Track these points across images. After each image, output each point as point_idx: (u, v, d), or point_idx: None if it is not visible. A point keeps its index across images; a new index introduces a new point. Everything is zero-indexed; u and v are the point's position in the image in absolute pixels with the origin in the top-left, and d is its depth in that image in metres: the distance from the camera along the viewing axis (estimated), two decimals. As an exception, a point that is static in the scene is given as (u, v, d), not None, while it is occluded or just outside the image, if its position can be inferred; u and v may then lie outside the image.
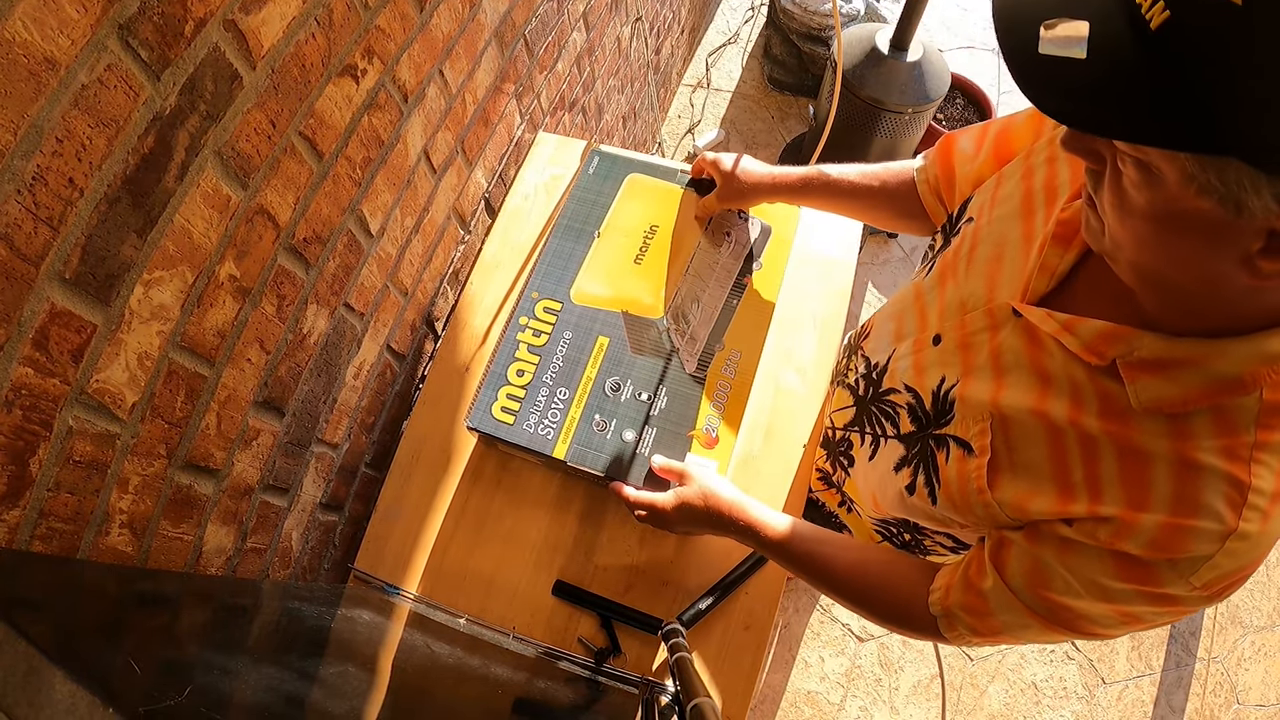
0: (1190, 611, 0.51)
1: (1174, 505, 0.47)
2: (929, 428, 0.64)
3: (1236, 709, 1.87)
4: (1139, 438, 0.49)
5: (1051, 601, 0.54)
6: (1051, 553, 0.53)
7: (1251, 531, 0.45)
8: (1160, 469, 0.47)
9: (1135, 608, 0.51)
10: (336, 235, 0.75)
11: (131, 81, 0.46)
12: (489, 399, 0.87)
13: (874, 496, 0.75)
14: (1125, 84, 0.36)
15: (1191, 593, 0.48)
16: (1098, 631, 0.55)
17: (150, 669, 0.45)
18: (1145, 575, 0.48)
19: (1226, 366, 0.45)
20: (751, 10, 2.80)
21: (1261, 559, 0.47)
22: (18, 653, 0.35)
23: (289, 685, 0.59)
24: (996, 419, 0.56)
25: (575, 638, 0.87)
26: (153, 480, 0.59)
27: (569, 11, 1.22)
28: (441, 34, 0.83)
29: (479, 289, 1.06)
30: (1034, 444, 0.54)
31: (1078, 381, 0.52)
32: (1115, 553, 0.49)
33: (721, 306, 0.94)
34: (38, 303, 0.45)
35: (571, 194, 1.02)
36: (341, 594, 0.89)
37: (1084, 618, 0.53)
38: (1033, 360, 0.55)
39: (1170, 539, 0.47)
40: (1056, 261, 0.55)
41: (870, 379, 0.76)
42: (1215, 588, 0.47)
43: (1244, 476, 0.45)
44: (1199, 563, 0.46)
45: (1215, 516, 0.46)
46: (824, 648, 1.78)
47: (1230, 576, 0.47)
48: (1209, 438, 0.46)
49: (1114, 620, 0.53)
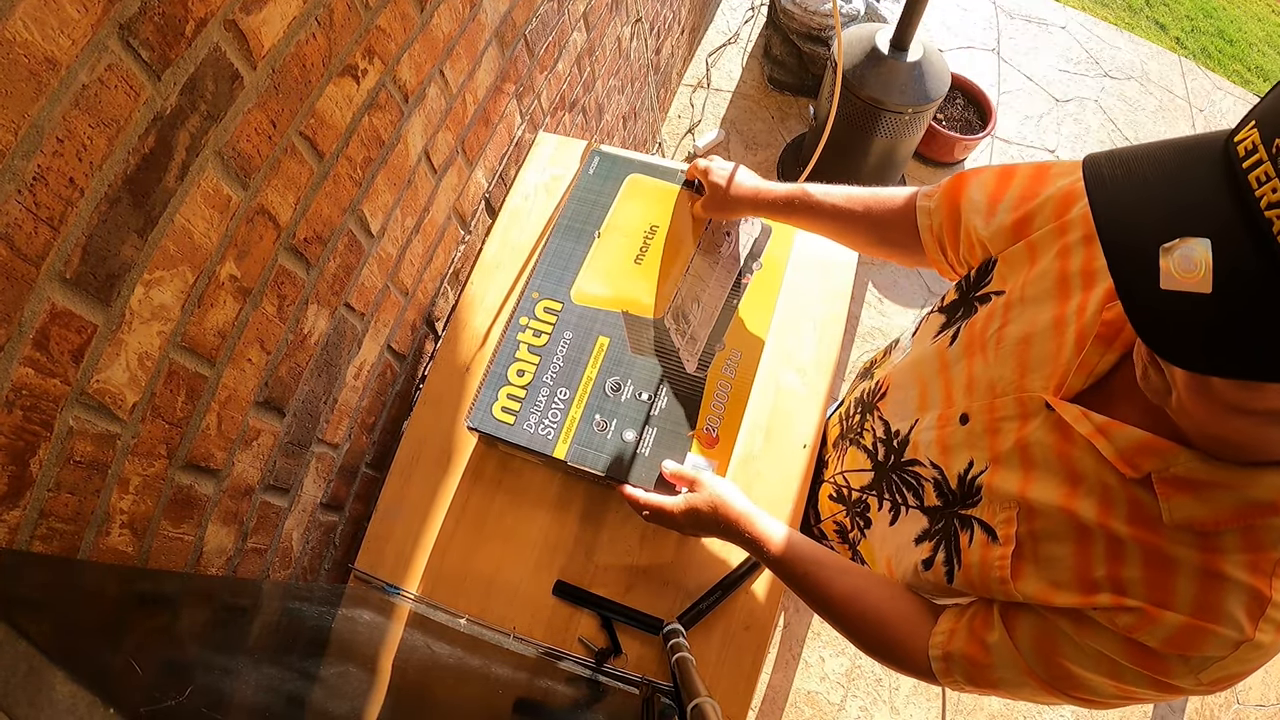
0: (1184, 695, 0.52)
1: (1195, 609, 0.47)
2: (954, 506, 0.63)
3: (1237, 709, 1.87)
4: (1167, 546, 0.49)
5: (1057, 668, 0.54)
6: (1069, 625, 0.53)
7: (1265, 642, 0.46)
8: (1185, 575, 0.48)
9: (1138, 689, 0.51)
10: (337, 235, 0.75)
11: (132, 81, 0.46)
12: (489, 399, 0.87)
13: (889, 561, 0.74)
14: (1250, 324, 0.34)
15: (1195, 686, 0.49)
16: (1092, 700, 0.55)
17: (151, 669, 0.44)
18: (1157, 665, 0.49)
19: (1260, 493, 0.45)
20: (751, 10, 2.80)
21: (1264, 663, 0.48)
22: (18, 653, 0.35)
23: (290, 685, 0.59)
24: (1024, 510, 0.56)
25: (576, 638, 0.87)
26: (153, 480, 0.59)
27: (569, 11, 1.22)
28: (442, 34, 0.83)
29: (479, 289, 1.06)
30: (1060, 540, 0.53)
31: (1109, 485, 0.51)
32: (1132, 640, 0.50)
33: (721, 306, 0.93)
34: (38, 303, 0.45)
35: (572, 194, 1.02)
36: (342, 594, 0.89)
37: (1084, 688, 0.54)
38: (1062, 457, 0.54)
39: (1188, 638, 0.47)
40: (1096, 360, 0.53)
41: (890, 446, 0.74)
42: (1219, 685, 0.49)
43: (1266, 590, 0.46)
44: (1210, 662, 0.47)
45: (1234, 624, 0.46)
46: (824, 648, 1.78)
47: (1235, 677, 0.48)
48: (1236, 552, 0.46)
49: (1111, 694, 0.53)
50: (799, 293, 1.04)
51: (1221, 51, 3.23)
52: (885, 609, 0.67)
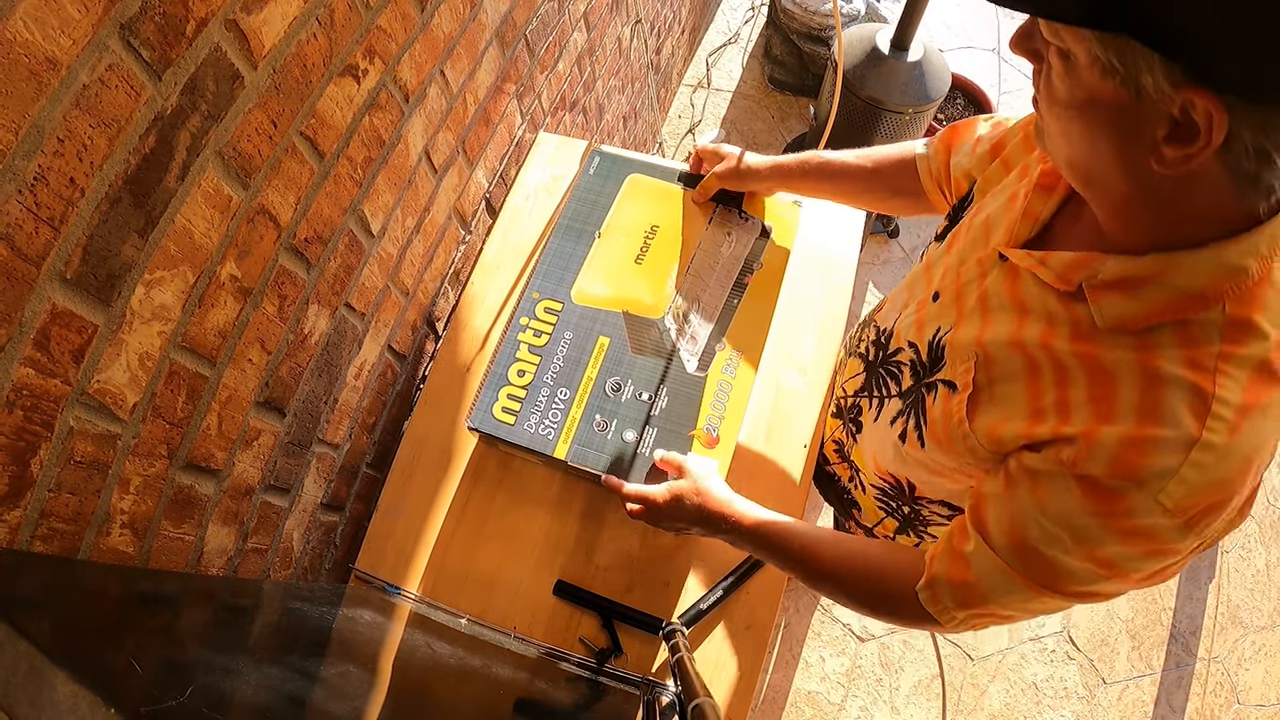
0: (1172, 555, 0.49)
1: (1138, 415, 0.47)
2: (924, 377, 0.68)
3: (1237, 709, 1.87)
4: (1106, 355, 0.50)
5: (1030, 553, 0.54)
6: (1025, 491, 0.54)
7: (1216, 442, 0.45)
8: (1125, 382, 0.49)
9: (1111, 549, 0.50)
10: (338, 235, 0.75)
11: (133, 81, 0.46)
12: (490, 399, 0.87)
13: (874, 456, 0.79)
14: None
15: (1165, 519, 0.47)
16: (1080, 590, 0.54)
17: (151, 669, 0.44)
18: (1113, 502, 0.48)
19: (1185, 280, 0.47)
20: (752, 10, 2.80)
21: (1236, 483, 0.47)
22: (19, 653, 0.35)
23: (290, 685, 0.59)
24: (981, 357, 0.59)
25: (576, 638, 0.87)
26: (154, 481, 0.59)
27: (570, 11, 1.22)
28: (443, 34, 0.83)
29: (480, 289, 1.06)
30: (1012, 376, 0.56)
31: (1051, 309, 0.55)
32: (1081, 478, 0.50)
33: (722, 306, 0.93)
34: (39, 303, 0.45)
35: (572, 194, 1.02)
36: (342, 594, 0.89)
37: (1064, 573, 0.53)
38: (1013, 296, 0.58)
39: (1132, 454, 0.47)
40: (1040, 208, 0.59)
41: (880, 344, 0.79)
42: (1189, 512, 0.47)
43: (1208, 386, 0.46)
44: (1165, 477, 0.46)
45: (1177, 424, 0.46)
46: (825, 648, 1.78)
47: (1202, 497, 0.46)
48: (1173, 348, 0.47)
49: (1094, 574, 0.52)
50: (799, 292, 1.04)
51: (1222, 51, 3.23)
52: (878, 563, 0.67)
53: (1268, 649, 1.95)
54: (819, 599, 1.82)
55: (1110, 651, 1.87)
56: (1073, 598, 0.55)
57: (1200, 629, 1.93)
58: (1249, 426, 0.46)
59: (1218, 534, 0.50)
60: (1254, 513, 2.10)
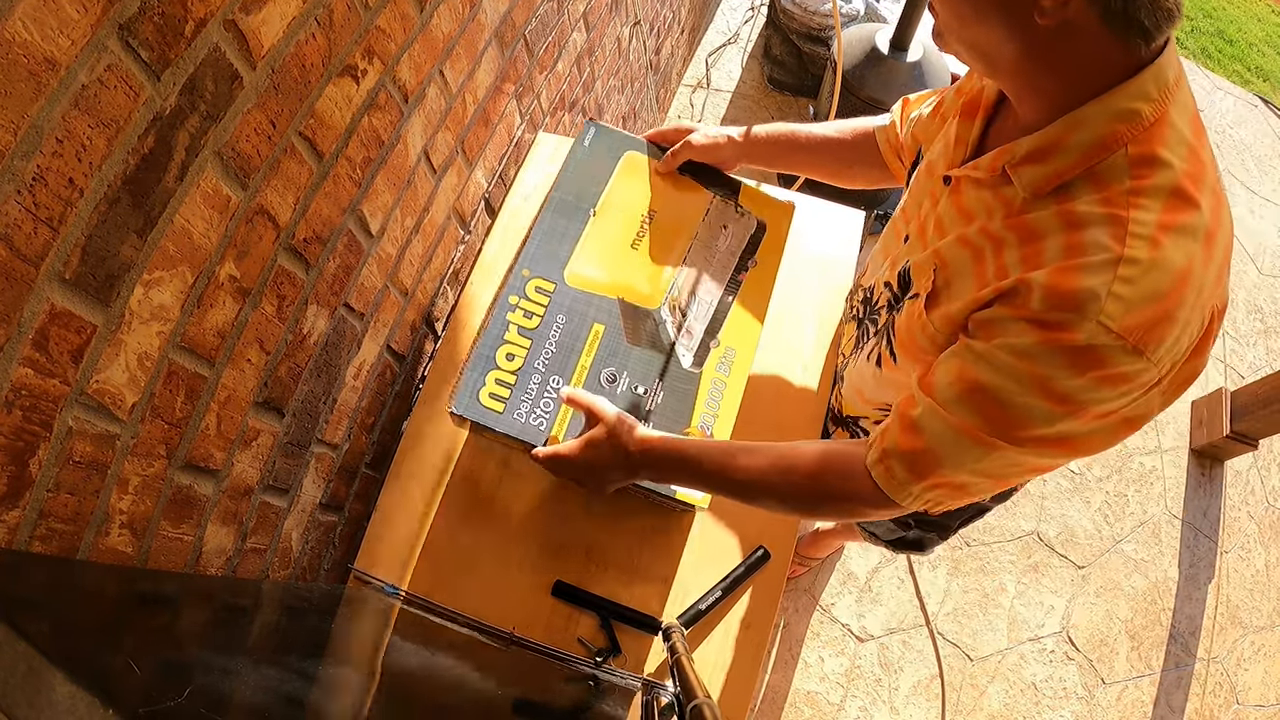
0: (1126, 384, 0.50)
1: (1064, 253, 0.51)
2: (897, 306, 0.72)
3: (1236, 709, 1.87)
4: (1031, 217, 0.55)
5: (980, 396, 0.54)
6: (975, 342, 0.56)
7: (1140, 256, 0.48)
8: (1050, 232, 0.53)
9: (1063, 382, 0.51)
10: (337, 235, 0.75)
11: (132, 81, 0.46)
12: (475, 384, 0.82)
13: (860, 394, 0.82)
14: None
15: (1110, 340, 0.48)
16: (1037, 435, 0.54)
17: (150, 670, 0.44)
18: (1058, 332, 0.50)
19: (1086, 134, 0.51)
20: (751, 10, 2.80)
21: (1171, 297, 0.48)
22: (18, 653, 0.35)
23: (289, 686, 0.59)
24: (939, 264, 0.64)
25: (575, 638, 0.87)
26: (153, 481, 0.59)
27: (569, 12, 1.22)
28: (442, 34, 0.83)
29: (479, 289, 1.06)
30: (962, 266, 0.61)
31: (988, 202, 0.60)
32: (1025, 319, 0.52)
33: (717, 303, 0.92)
34: (38, 303, 0.45)
35: (565, 166, 0.98)
36: (341, 594, 0.89)
37: (1018, 414, 0.53)
38: (959, 208, 0.64)
39: (1064, 282, 0.50)
40: (967, 133, 0.65)
41: (866, 300, 0.84)
42: (1134, 332, 0.48)
43: (1124, 213, 0.49)
44: (1099, 298, 0.48)
45: (1100, 249, 0.49)
46: (824, 648, 1.78)
47: (1140, 312, 0.48)
48: (1088, 194, 0.52)
49: (1049, 412, 0.52)
50: (799, 290, 1.04)
51: (1221, 52, 3.23)
52: (820, 453, 0.67)
53: (1267, 649, 1.95)
54: (818, 599, 1.82)
55: (1109, 652, 1.87)
56: (1030, 447, 0.55)
57: (1200, 629, 1.93)
58: (1171, 242, 0.49)
59: (1174, 369, 0.51)
60: (1253, 513, 2.10)
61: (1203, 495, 2.10)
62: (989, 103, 0.64)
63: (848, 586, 1.85)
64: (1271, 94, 3.11)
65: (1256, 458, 2.16)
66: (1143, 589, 1.95)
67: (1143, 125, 0.50)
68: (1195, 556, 2.01)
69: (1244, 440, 2.02)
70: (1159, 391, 0.52)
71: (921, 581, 1.86)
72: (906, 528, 1.10)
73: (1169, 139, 0.50)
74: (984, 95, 0.65)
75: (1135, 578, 1.96)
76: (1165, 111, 0.50)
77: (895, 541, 1.19)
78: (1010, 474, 0.59)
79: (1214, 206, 0.51)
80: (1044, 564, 1.93)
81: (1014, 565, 1.92)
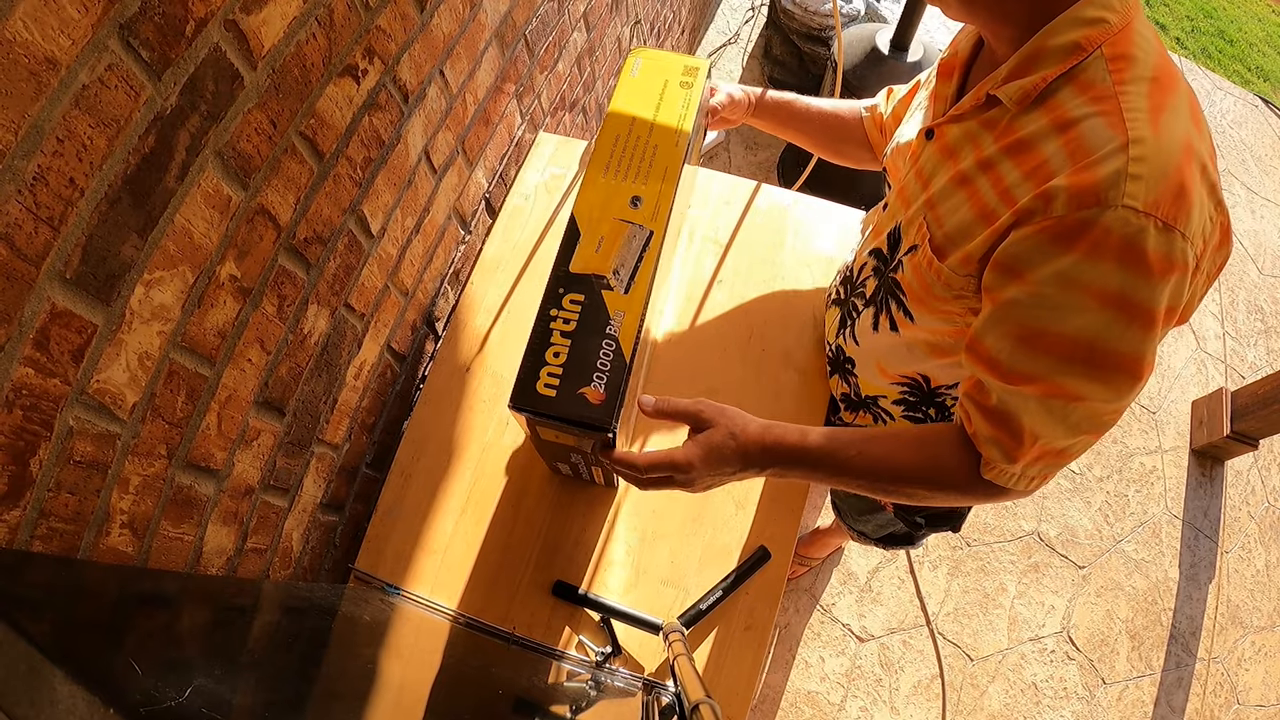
0: (1168, 269, 0.50)
1: (1070, 156, 0.52)
2: (888, 268, 0.73)
3: (1237, 709, 1.87)
4: (1024, 132, 0.56)
5: (1038, 339, 0.55)
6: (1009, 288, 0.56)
7: (1145, 134, 0.50)
8: (1047, 141, 0.54)
9: (1110, 278, 0.51)
10: (337, 235, 0.75)
11: (132, 81, 0.46)
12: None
13: (879, 366, 0.82)
14: None
15: (1139, 221, 0.49)
16: (1108, 351, 0.53)
17: (151, 669, 0.44)
18: (1085, 233, 0.51)
19: (1061, 38, 0.54)
20: (752, 10, 2.80)
21: (1185, 168, 0.49)
22: (18, 653, 0.35)
23: (289, 686, 0.59)
24: (929, 211, 0.64)
25: (575, 638, 0.87)
26: (153, 480, 0.59)
27: (569, 12, 1.22)
28: (442, 34, 0.83)
29: (480, 289, 1.06)
30: (955, 202, 0.61)
31: (973, 132, 0.62)
32: (1051, 233, 0.52)
33: None
34: (38, 303, 0.45)
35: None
36: (342, 594, 0.88)
37: (1080, 338, 0.53)
38: (942, 151, 0.65)
39: (1083, 180, 0.50)
40: (946, 88, 0.68)
41: (848, 280, 0.86)
42: (1159, 207, 0.49)
43: (1114, 105, 0.51)
44: (1119, 181, 0.49)
45: (1104, 140, 0.50)
46: (824, 648, 1.78)
47: (1161, 186, 0.49)
48: (1073, 96, 0.54)
49: (1108, 321, 0.52)
50: (799, 289, 1.04)
51: (1222, 52, 3.23)
52: (919, 436, 0.67)
53: (1267, 649, 1.95)
54: (819, 599, 1.82)
55: (1110, 652, 1.87)
56: (1109, 372, 0.54)
57: (1200, 629, 1.93)
58: (1166, 121, 0.50)
59: (1208, 248, 0.53)
60: (1254, 513, 2.10)
61: (1203, 495, 2.10)
62: (963, 61, 0.67)
63: (848, 586, 1.85)
64: (1272, 94, 3.11)
65: (1257, 458, 2.16)
66: (1143, 589, 1.95)
67: (1111, 31, 0.53)
68: (1196, 556, 2.01)
69: (1244, 440, 2.01)
70: (1203, 276, 0.54)
71: (922, 581, 1.86)
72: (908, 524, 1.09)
73: (1137, 42, 0.54)
74: (957, 57, 0.68)
75: (1136, 578, 1.96)
76: (1130, 21, 0.54)
77: (885, 539, 1.18)
78: (1102, 413, 0.57)
79: (1189, 93, 0.54)
80: (1044, 564, 1.93)
81: (1014, 565, 1.92)
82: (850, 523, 1.22)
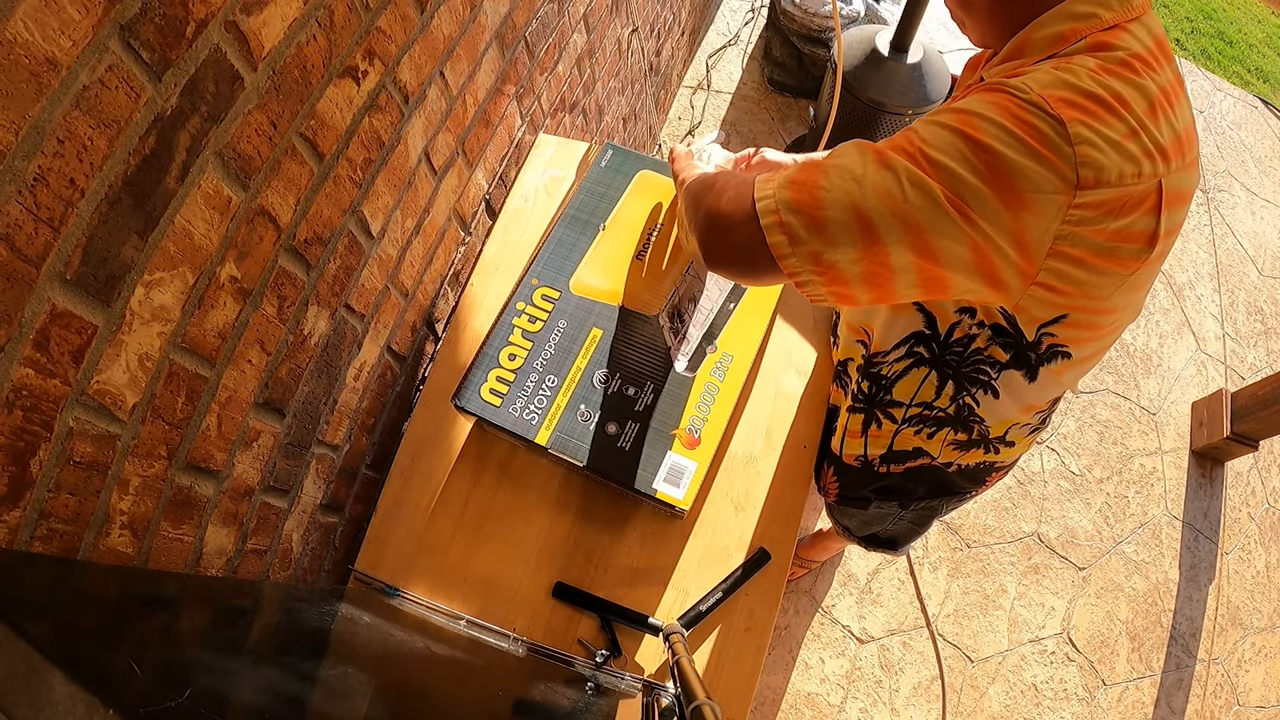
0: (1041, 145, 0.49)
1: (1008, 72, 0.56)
2: None
3: (1237, 710, 1.87)
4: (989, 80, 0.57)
5: (898, 138, 0.58)
6: None
7: (1075, 78, 0.52)
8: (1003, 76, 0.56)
9: (978, 106, 0.52)
10: (337, 236, 0.75)
11: (133, 82, 0.46)
12: (478, 380, 0.88)
13: (849, 325, 0.83)
14: None
15: (1031, 96, 0.50)
16: (939, 161, 0.53)
17: (150, 670, 0.44)
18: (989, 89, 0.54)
19: (1048, 30, 0.57)
20: (752, 12, 2.80)
21: (1103, 102, 0.51)
22: (18, 653, 0.35)
23: (289, 687, 0.59)
24: None
25: (575, 639, 0.87)
26: (153, 481, 0.59)
27: (569, 13, 1.22)
28: (442, 35, 0.83)
29: (479, 290, 1.06)
30: None
31: None
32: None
33: (718, 310, 0.94)
34: (38, 303, 0.45)
35: (581, 186, 1.02)
36: (342, 595, 0.88)
37: (925, 138, 0.54)
38: None
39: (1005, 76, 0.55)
40: (971, 79, 0.69)
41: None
42: (1054, 102, 0.50)
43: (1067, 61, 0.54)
44: (1030, 83, 0.51)
45: (1041, 70, 0.53)
46: (824, 649, 1.78)
47: (1064, 90, 0.51)
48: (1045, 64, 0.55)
49: (956, 143, 0.52)
50: (801, 297, 1.04)
51: (1221, 53, 3.23)
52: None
53: (1268, 650, 1.95)
54: (818, 601, 1.82)
55: (1110, 653, 1.87)
56: (928, 175, 0.54)
57: (1200, 630, 1.93)
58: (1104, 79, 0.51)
59: (1116, 203, 0.52)
60: (1254, 515, 2.10)
61: (1203, 496, 2.09)
62: (986, 56, 0.70)
63: (848, 588, 1.84)
64: (1272, 95, 3.11)
65: (1257, 459, 2.16)
66: (1143, 590, 1.95)
67: (1100, 24, 0.54)
68: (1196, 558, 2.01)
69: (1244, 441, 2.01)
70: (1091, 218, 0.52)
71: (922, 583, 1.86)
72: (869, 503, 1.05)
73: (1125, 40, 0.54)
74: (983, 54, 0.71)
75: (1136, 579, 1.96)
76: (1126, 20, 0.55)
77: (868, 539, 1.17)
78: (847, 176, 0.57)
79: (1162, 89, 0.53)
80: (1044, 565, 1.93)
81: (1014, 567, 1.92)
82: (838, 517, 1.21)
